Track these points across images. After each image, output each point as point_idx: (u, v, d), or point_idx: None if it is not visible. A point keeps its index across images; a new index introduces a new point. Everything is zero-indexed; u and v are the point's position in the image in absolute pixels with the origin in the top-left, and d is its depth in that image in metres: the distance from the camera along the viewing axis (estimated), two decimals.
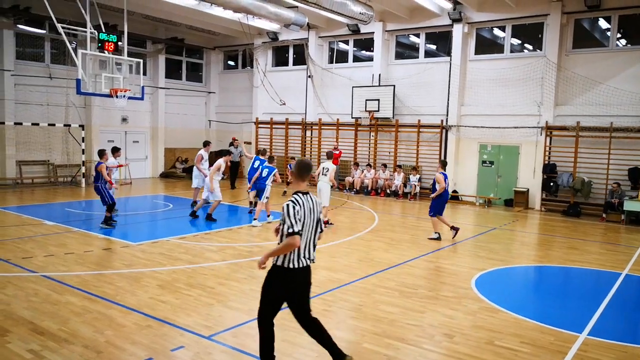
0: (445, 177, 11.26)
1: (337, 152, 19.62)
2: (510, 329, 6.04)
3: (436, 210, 11.36)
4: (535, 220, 15.13)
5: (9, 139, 18.31)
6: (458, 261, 9.44)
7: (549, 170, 16.52)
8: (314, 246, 4.61)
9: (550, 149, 16.80)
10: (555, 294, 8.05)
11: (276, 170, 12.62)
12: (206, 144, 14.85)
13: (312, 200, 4.57)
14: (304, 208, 4.43)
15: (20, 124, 17.96)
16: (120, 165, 14.23)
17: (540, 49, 17.09)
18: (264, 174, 12.49)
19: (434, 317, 6.40)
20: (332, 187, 12.29)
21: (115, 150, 13.22)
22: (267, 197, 12.53)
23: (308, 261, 4.53)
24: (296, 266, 4.44)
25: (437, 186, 11.28)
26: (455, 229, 11.42)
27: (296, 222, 4.32)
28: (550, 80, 16.42)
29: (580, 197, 15.90)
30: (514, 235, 12.66)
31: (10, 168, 18.44)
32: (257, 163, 13.31)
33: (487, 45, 18.56)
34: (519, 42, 18.06)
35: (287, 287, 4.53)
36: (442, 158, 17.53)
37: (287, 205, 4.40)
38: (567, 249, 11.08)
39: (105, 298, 6.69)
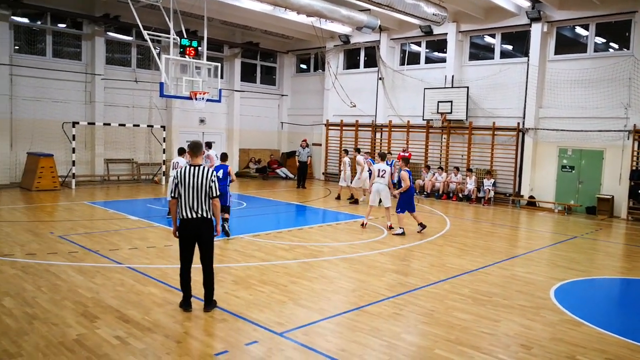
0: (410, 173, 11.59)
1: (407, 154, 19.39)
2: (594, 344, 5.74)
3: (404, 207, 11.65)
4: (620, 230, 14.23)
5: (99, 138, 19.62)
6: (535, 270, 9.07)
7: (637, 176, 15.47)
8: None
9: (638, 153, 15.75)
10: None
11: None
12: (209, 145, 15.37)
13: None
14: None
15: (109, 124, 19.21)
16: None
17: (628, 48, 16.06)
18: None
19: (510, 326, 6.20)
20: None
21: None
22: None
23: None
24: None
25: (402, 183, 11.58)
26: (422, 226, 11.89)
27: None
28: (638, 80, 15.39)
29: None
30: (597, 244, 11.98)
31: (99, 166, 19.76)
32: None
33: (568, 44, 17.69)
34: (604, 40, 17.07)
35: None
36: (403, 155, 16.51)
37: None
38: None
39: None
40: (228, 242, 10.22)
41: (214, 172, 6.26)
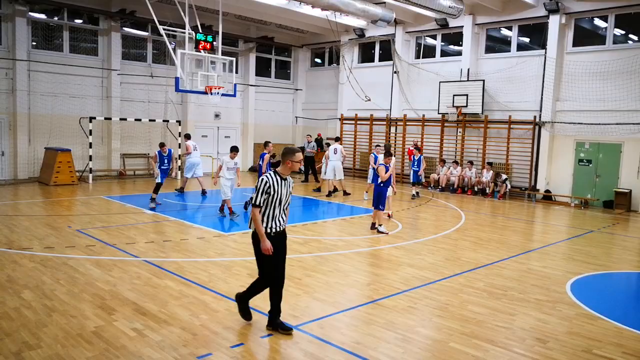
0: (387, 168, 11.17)
1: (413, 148, 19.30)
2: (611, 338, 5.68)
3: (384, 202, 11.13)
4: (638, 224, 14.01)
5: (115, 133, 19.83)
6: (551, 264, 8.99)
7: None
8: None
9: None
10: None
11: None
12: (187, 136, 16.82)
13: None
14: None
15: (125, 119, 19.39)
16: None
17: None
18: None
19: (525, 320, 6.16)
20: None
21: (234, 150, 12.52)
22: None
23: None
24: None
25: (378, 179, 11.17)
26: (389, 216, 12.47)
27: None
28: None
29: None
30: (615, 239, 11.82)
31: (115, 160, 19.98)
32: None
33: (586, 36, 17.40)
34: (623, 32, 16.77)
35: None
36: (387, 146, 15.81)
37: None
38: None
39: (199, 284, 7.09)
40: (244, 236, 10.28)
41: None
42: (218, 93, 15.59)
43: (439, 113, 19.94)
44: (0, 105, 17.43)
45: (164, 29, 15.50)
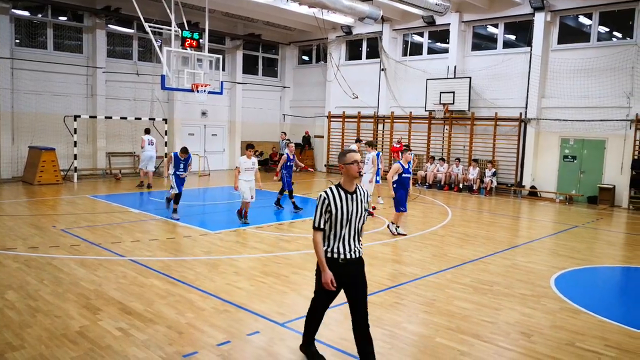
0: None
1: (398, 145, 19.49)
2: (594, 331, 5.76)
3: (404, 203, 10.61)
4: (622, 219, 14.22)
5: (100, 132, 19.63)
6: (536, 259, 9.08)
7: (639, 166, 15.43)
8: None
9: None
10: None
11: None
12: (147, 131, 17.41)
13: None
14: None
15: (110, 117, 19.22)
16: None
17: (631, 37, 15.96)
18: None
19: (510, 314, 6.22)
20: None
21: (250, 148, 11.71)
22: None
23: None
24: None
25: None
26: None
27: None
28: None
29: None
30: (598, 234, 11.97)
31: (100, 159, 19.79)
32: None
33: (571, 34, 17.57)
34: (607, 30, 16.96)
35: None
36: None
37: None
38: None
39: (186, 282, 7.06)
40: (230, 234, 10.25)
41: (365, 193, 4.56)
42: (205, 91, 15.50)
43: (426, 110, 20.03)
44: None
45: (149, 26, 15.36)
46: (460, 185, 18.69)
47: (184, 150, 11.95)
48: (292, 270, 7.83)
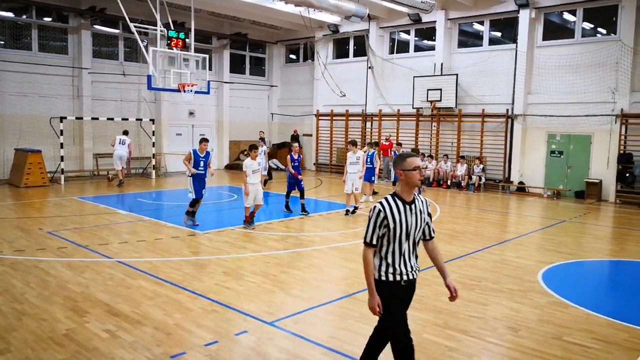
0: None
1: (387, 143, 19.58)
2: (581, 325, 5.81)
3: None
4: (609, 213, 14.37)
5: (87, 133, 19.47)
6: (524, 254, 9.15)
7: (625, 160, 15.60)
8: None
9: (626, 137, 15.87)
10: (631, 289, 7.62)
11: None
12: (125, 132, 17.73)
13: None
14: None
15: (97, 119, 19.05)
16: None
17: (615, 33, 16.12)
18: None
19: (498, 309, 6.26)
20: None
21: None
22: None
23: None
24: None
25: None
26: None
27: None
28: (625, 65, 15.47)
29: None
30: (586, 228, 12.09)
31: (87, 160, 19.62)
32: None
33: (555, 30, 17.72)
34: (591, 26, 17.11)
35: None
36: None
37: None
38: None
39: (173, 283, 7.02)
40: (219, 234, 10.22)
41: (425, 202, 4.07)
42: (191, 91, 15.42)
43: (413, 108, 20.09)
44: None
45: (135, 27, 15.24)
46: (449, 182, 18.78)
47: (203, 140, 10.82)
48: (281, 270, 7.82)
